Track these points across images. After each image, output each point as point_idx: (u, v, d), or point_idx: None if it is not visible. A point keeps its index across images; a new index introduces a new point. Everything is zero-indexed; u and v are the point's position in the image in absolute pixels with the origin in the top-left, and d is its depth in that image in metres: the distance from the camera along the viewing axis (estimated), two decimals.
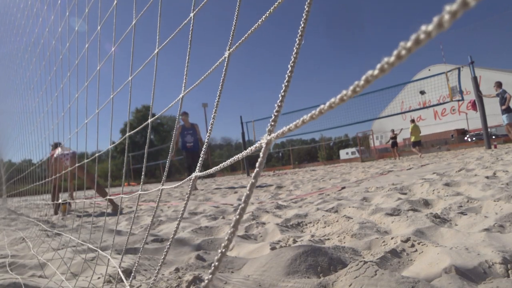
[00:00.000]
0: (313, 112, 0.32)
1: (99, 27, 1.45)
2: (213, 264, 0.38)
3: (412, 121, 15.18)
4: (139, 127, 1.13)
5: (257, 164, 0.38)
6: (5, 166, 7.57)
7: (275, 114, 0.40)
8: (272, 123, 0.40)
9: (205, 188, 8.23)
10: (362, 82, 0.26)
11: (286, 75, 0.40)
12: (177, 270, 1.34)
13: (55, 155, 4.77)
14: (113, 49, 1.31)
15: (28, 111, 4.12)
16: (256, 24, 0.55)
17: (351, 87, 0.27)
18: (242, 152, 0.47)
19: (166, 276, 1.29)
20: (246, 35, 0.58)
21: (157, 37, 0.96)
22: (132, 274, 0.82)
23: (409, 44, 0.21)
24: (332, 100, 0.29)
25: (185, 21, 0.81)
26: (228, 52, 0.62)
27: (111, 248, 1.61)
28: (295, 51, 0.40)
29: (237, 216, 0.38)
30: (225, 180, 14.49)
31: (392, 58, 0.23)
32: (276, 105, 0.40)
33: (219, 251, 0.37)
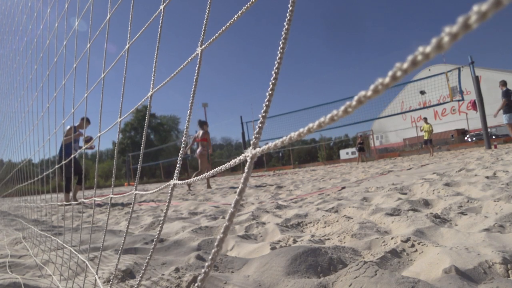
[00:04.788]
0: (301, 130, 0.32)
1: (76, 23, 1.44)
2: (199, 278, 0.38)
3: (425, 119, 15.39)
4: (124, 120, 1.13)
5: (241, 179, 0.36)
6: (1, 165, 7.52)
7: (259, 125, 0.37)
8: (257, 135, 0.37)
9: (205, 188, 8.23)
10: (327, 120, 0.28)
11: (270, 83, 0.37)
12: (177, 270, 1.34)
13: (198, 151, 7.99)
14: (88, 45, 1.30)
15: (12, 110, 4.09)
16: (232, 19, 0.53)
17: (316, 123, 0.29)
18: (225, 164, 0.44)
19: (166, 276, 1.28)
20: (220, 31, 0.55)
21: (129, 33, 0.95)
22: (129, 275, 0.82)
23: (369, 93, 0.24)
24: (310, 125, 0.30)
25: (155, 14, 0.79)
26: (200, 48, 0.59)
27: (110, 248, 1.61)
28: (279, 55, 0.38)
29: (221, 235, 0.36)
30: (225, 180, 14.49)
31: (353, 103, 0.25)
32: (260, 115, 0.37)
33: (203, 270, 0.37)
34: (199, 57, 0.59)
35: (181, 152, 0.66)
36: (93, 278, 1.38)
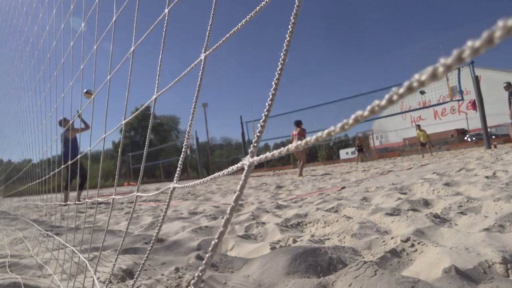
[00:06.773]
0: (299, 142, 0.34)
1: (83, 24, 1.45)
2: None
3: (418, 126, 15.51)
4: (116, 127, 1.13)
5: (238, 187, 0.36)
6: (2, 166, 7.52)
7: (258, 134, 0.38)
8: (255, 144, 0.38)
9: (205, 188, 8.23)
10: (324, 135, 0.30)
11: (270, 93, 0.38)
12: (177, 270, 1.34)
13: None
14: (95, 47, 1.31)
15: (20, 111, 4.11)
16: (236, 28, 0.53)
17: (314, 137, 0.32)
18: (224, 171, 0.44)
19: (166, 276, 1.28)
20: (224, 38, 0.55)
21: (134, 35, 0.96)
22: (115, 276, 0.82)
23: (365, 113, 0.26)
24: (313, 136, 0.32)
25: (160, 17, 0.79)
26: (204, 54, 0.59)
27: (110, 248, 1.61)
28: (279, 67, 0.38)
29: (216, 240, 0.37)
30: (225, 180, 14.48)
31: (350, 121, 0.28)
32: (259, 125, 0.38)
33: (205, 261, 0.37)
34: (202, 63, 0.60)
35: (182, 155, 0.66)
36: (94, 278, 1.38)
